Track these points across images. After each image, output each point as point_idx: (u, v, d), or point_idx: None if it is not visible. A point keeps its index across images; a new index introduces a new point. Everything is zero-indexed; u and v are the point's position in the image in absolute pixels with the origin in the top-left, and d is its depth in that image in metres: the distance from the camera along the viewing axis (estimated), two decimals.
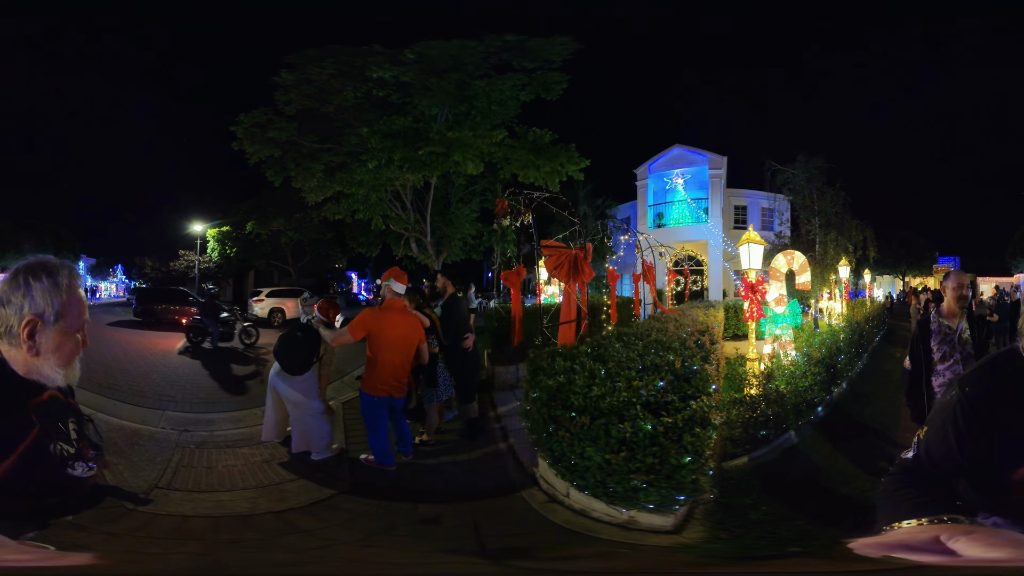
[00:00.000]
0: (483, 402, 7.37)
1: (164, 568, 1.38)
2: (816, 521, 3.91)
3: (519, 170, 16.53)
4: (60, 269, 1.49)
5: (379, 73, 14.99)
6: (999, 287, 24.43)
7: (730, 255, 23.59)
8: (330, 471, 5.21)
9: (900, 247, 42.25)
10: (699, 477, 3.62)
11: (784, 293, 8.49)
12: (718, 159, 27.80)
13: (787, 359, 7.60)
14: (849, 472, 5.17)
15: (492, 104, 16.40)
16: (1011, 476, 1.28)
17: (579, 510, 4.02)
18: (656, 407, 3.74)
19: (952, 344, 3.95)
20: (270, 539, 3.87)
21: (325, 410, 5.60)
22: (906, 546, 1.01)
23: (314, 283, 34.36)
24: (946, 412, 1.38)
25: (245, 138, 16.66)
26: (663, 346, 5.53)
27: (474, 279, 30.50)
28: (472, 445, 5.95)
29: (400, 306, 5.27)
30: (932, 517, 1.18)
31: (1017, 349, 1.39)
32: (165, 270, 34.01)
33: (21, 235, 32.07)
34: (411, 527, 4.04)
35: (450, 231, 19.54)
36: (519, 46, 15.18)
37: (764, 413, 5.66)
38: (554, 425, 4.07)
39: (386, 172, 15.77)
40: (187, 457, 5.60)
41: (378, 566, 1.28)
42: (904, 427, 6.55)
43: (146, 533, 3.72)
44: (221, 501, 4.54)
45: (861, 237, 20.59)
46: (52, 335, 1.45)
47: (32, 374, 1.46)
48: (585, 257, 6.93)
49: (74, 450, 1.53)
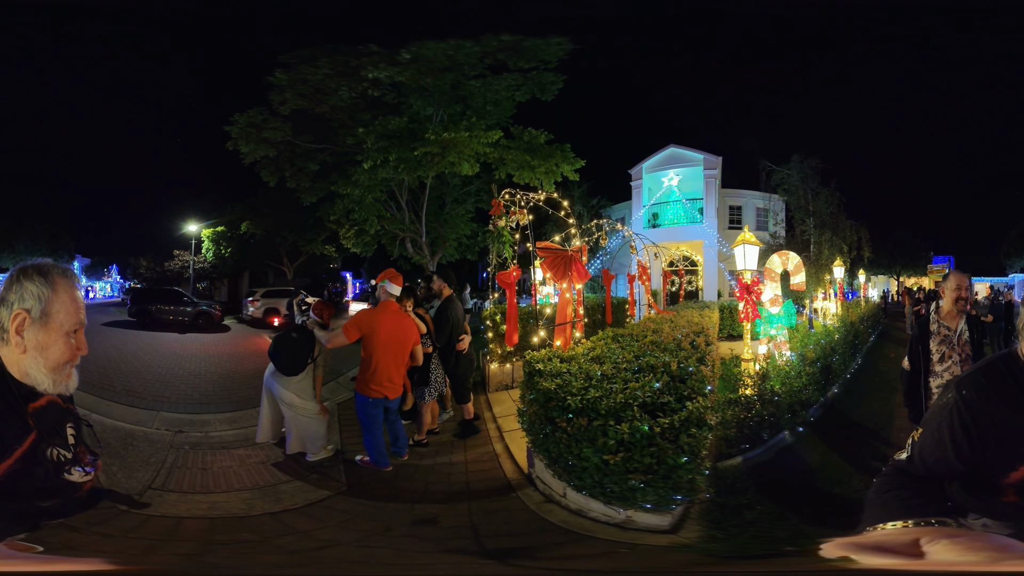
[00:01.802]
0: (479, 403, 7.37)
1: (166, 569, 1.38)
2: (810, 521, 3.94)
3: (514, 170, 16.56)
4: (52, 269, 1.51)
5: (374, 73, 14.99)
6: (994, 287, 24.58)
7: (725, 255, 23.65)
8: (325, 472, 5.20)
9: (895, 247, 42.47)
10: (696, 477, 3.65)
11: (779, 293, 8.51)
12: (713, 159, 27.85)
13: (782, 359, 7.62)
14: (843, 472, 5.20)
15: (488, 104, 16.44)
16: (1004, 479, 1.29)
17: (576, 510, 4.03)
18: (653, 408, 3.76)
19: (951, 345, 3.93)
20: (267, 540, 3.86)
21: (320, 411, 5.59)
22: (881, 547, 1.02)
23: (309, 283, 34.26)
24: (942, 415, 1.38)
25: (240, 138, 16.63)
26: (659, 347, 5.56)
27: (469, 279, 30.49)
28: (468, 445, 5.96)
29: (395, 307, 5.27)
30: (919, 519, 1.19)
31: (1015, 352, 1.39)
32: (160, 270, 33.84)
33: (16, 235, 31.88)
34: (408, 528, 4.04)
35: (445, 231, 19.55)
36: (515, 46, 15.20)
37: (759, 413, 5.68)
38: (551, 427, 4.08)
39: (381, 173, 15.77)
40: (182, 458, 5.57)
41: (377, 567, 1.28)
42: (898, 427, 6.59)
43: (140, 535, 3.70)
44: (216, 502, 4.52)
45: (856, 237, 20.68)
46: (39, 332, 1.45)
47: (27, 378, 1.46)
48: (580, 258, 6.94)
49: (71, 455, 1.53)
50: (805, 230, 20.24)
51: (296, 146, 17.28)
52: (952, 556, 0.92)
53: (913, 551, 0.96)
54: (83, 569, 1.08)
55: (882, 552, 0.99)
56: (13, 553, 1.11)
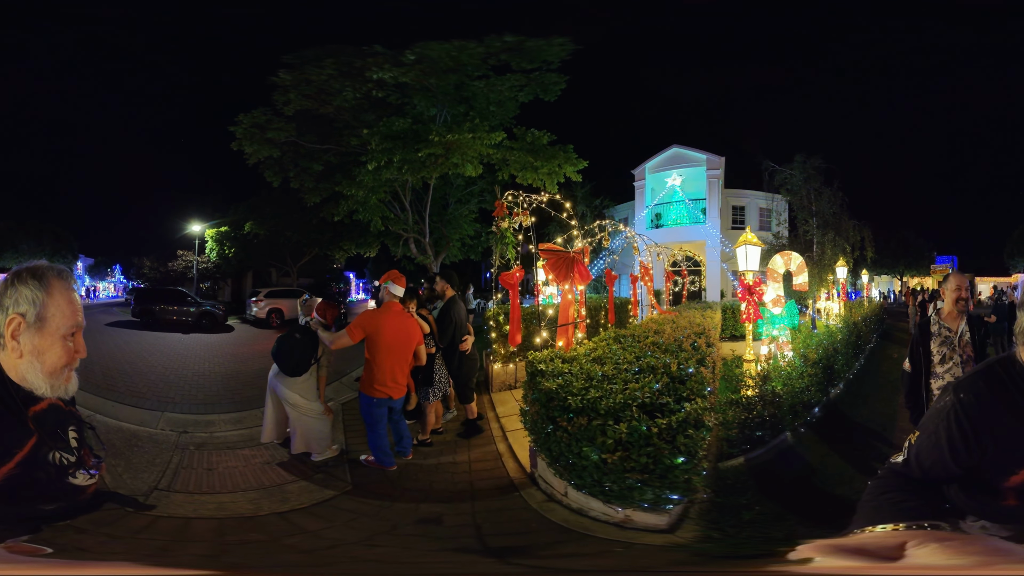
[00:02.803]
0: (482, 403, 7.41)
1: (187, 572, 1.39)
2: (809, 521, 3.96)
3: (517, 171, 16.58)
4: (47, 271, 1.48)
5: (378, 74, 15.01)
6: (997, 287, 24.49)
7: (728, 256, 23.63)
8: (331, 472, 5.23)
9: (898, 247, 42.35)
10: (692, 477, 3.68)
11: (781, 294, 8.52)
12: (716, 159, 27.82)
13: (784, 360, 7.63)
14: (844, 473, 5.20)
15: (491, 105, 16.45)
16: (1003, 483, 1.28)
17: (577, 509, 4.07)
18: (652, 409, 3.79)
19: (952, 347, 3.94)
20: (277, 540, 3.89)
21: (324, 411, 5.62)
22: (863, 551, 1.02)
23: (313, 283, 34.34)
24: (939, 418, 1.38)
25: (244, 138, 16.68)
26: (660, 348, 5.58)
27: (473, 280, 30.52)
28: (471, 445, 5.99)
29: (398, 308, 5.31)
30: (912, 522, 1.18)
31: (1014, 355, 1.38)
32: (163, 270, 33.92)
33: (20, 235, 31.99)
34: (414, 526, 4.07)
35: (448, 232, 19.58)
36: (518, 47, 15.21)
37: (760, 414, 5.70)
38: (552, 426, 4.12)
39: (385, 173, 15.80)
40: (187, 459, 5.60)
41: (386, 565, 1.30)
42: (900, 428, 6.59)
43: (150, 535, 3.74)
44: (223, 503, 4.55)
45: (859, 237, 20.66)
46: (35, 336, 1.43)
47: (26, 383, 1.44)
48: (582, 259, 6.96)
49: (74, 458, 1.51)
50: (808, 230, 20.23)
51: (300, 147, 17.32)
52: (935, 560, 0.91)
53: (896, 555, 0.96)
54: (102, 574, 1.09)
55: (859, 555, 0.99)
56: (15, 556, 1.10)
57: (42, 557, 1.19)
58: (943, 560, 0.91)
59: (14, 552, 1.13)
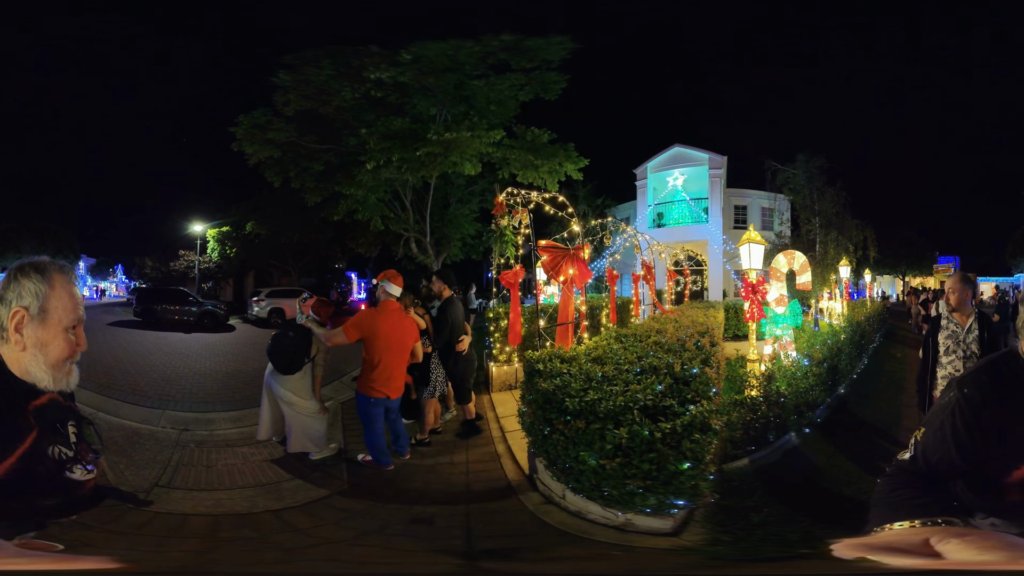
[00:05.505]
0: (482, 403, 7.36)
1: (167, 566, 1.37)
2: (819, 522, 3.90)
3: (518, 170, 16.55)
4: (49, 266, 1.51)
5: (376, 74, 14.99)
6: (999, 287, 24.41)
7: (730, 255, 23.58)
8: (327, 471, 5.22)
9: (900, 247, 42.22)
10: (699, 482, 3.55)
11: (785, 293, 8.46)
12: (718, 159, 27.77)
13: (788, 360, 7.57)
14: (851, 472, 5.15)
15: (490, 104, 16.41)
16: (1008, 478, 1.28)
17: (575, 512, 3.98)
18: (654, 412, 3.67)
19: (956, 341, 4.26)
20: (266, 537, 3.87)
21: (319, 410, 5.59)
22: (892, 548, 1.00)
23: (314, 283, 34.35)
24: (944, 413, 1.38)
25: (244, 139, 16.69)
26: (662, 348, 5.51)
27: (474, 279, 30.48)
28: (469, 446, 5.94)
29: (395, 307, 5.27)
30: (926, 519, 1.17)
31: (1016, 350, 1.38)
32: (165, 270, 34.01)
33: (22, 236, 32.06)
34: (403, 527, 4.04)
35: (449, 231, 19.55)
36: (517, 46, 15.19)
37: (765, 415, 5.64)
38: (549, 428, 4.03)
39: (385, 173, 15.79)
40: (187, 456, 5.60)
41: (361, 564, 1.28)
42: (905, 427, 6.55)
43: (149, 531, 3.73)
44: (220, 499, 4.55)
45: (861, 237, 20.59)
46: (38, 329, 1.46)
47: (28, 376, 1.46)
48: (582, 256, 6.92)
49: (73, 453, 1.53)
50: (811, 229, 20.16)
51: (300, 147, 17.32)
52: (968, 556, 0.90)
53: (925, 551, 0.94)
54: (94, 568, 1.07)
55: (895, 552, 0.97)
56: (25, 552, 1.10)
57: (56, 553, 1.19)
58: (974, 555, 0.89)
59: (28, 548, 1.15)
